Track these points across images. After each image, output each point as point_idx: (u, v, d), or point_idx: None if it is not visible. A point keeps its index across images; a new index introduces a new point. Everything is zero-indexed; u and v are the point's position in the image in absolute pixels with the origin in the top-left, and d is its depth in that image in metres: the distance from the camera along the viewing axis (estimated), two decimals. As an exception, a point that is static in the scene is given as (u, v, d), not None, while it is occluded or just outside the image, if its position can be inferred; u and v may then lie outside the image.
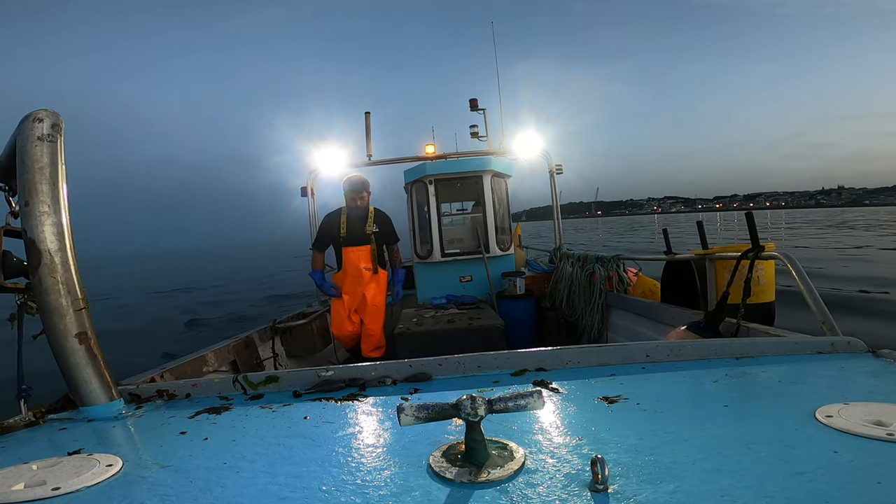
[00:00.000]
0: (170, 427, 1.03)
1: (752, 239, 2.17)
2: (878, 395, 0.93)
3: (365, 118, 5.22)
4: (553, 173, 5.20)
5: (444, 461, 0.74)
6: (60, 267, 1.12)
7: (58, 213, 1.13)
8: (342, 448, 0.85)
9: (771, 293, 2.39)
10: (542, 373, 1.23)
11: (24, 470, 0.81)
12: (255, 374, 1.30)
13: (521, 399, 0.71)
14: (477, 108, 5.59)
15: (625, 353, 1.28)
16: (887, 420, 0.78)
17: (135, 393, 1.27)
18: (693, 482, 0.65)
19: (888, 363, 1.14)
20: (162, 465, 0.82)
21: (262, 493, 0.70)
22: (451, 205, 5.49)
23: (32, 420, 1.14)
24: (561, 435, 0.84)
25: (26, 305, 1.24)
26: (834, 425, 0.78)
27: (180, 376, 2.07)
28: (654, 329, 3.01)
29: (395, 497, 0.66)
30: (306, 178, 5.15)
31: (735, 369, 1.16)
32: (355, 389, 1.20)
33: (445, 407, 0.71)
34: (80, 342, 1.12)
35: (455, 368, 1.28)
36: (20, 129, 1.15)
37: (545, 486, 0.66)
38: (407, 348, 3.22)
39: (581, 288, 4.07)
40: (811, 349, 1.27)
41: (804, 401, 0.91)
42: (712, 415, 0.89)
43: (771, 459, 0.70)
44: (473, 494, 0.65)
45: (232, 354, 2.78)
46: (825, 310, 1.62)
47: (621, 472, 0.68)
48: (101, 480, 0.77)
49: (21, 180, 1.12)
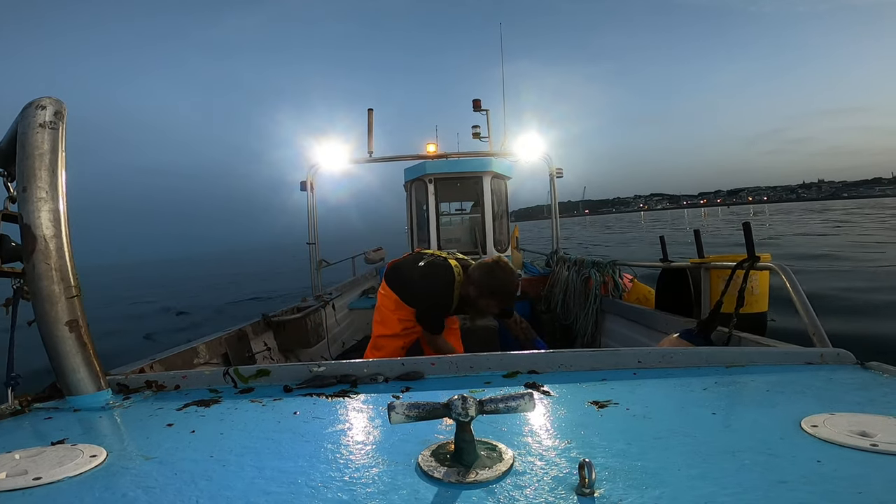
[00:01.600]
0: (157, 418, 1.03)
1: (747, 249, 2.18)
2: (864, 407, 0.94)
3: (367, 115, 5.22)
4: (553, 177, 5.21)
5: (432, 460, 0.74)
6: (55, 253, 1.11)
7: (55, 199, 1.12)
8: (331, 444, 0.85)
9: (764, 303, 2.40)
10: (535, 375, 1.23)
11: (6, 459, 0.80)
12: (246, 367, 1.29)
13: (513, 401, 0.71)
14: (480, 108, 5.60)
15: (617, 359, 1.28)
16: (871, 431, 0.79)
17: (123, 383, 1.26)
18: (678, 488, 0.65)
19: (876, 375, 1.15)
20: (147, 456, 0.82)
21: (249, 486, 0.70)
22: (451, 204, 5.49)
23: (18, 408, 1.13)
24: (550, 438, 0.84)
25: (22, 290, 1.23)
26: (819, 435, 0.79)
27: (170, 367, 2.06)
28: (647, 335, 3.02)
29: (383, 495, 0.66)
30: (306, 173, 5.15)
31: (724, 377, 1.17)
32: (347, 386, 1.20)
33: (436, 406, 0.71)
34: (71, 330, 1.11)
35: (447, 368, 1.28)
36: (22, 115, 1.14)
37: (532, 489, 0.66)
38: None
39: (576, 292, 4.08)
40: (800, 360, 1.28)
41: (791, 410, 0.92)
42: (700, 422, 0.90)
43: (755, 467, 0.70)
44: (461, 494, 0.65)
45: (224, 347, 2.77)
46: (816, 321, 1.63)
47: (608, 477, 0.69)
48: (84, 471, 0.76)
49: (20, 166, 1.12)
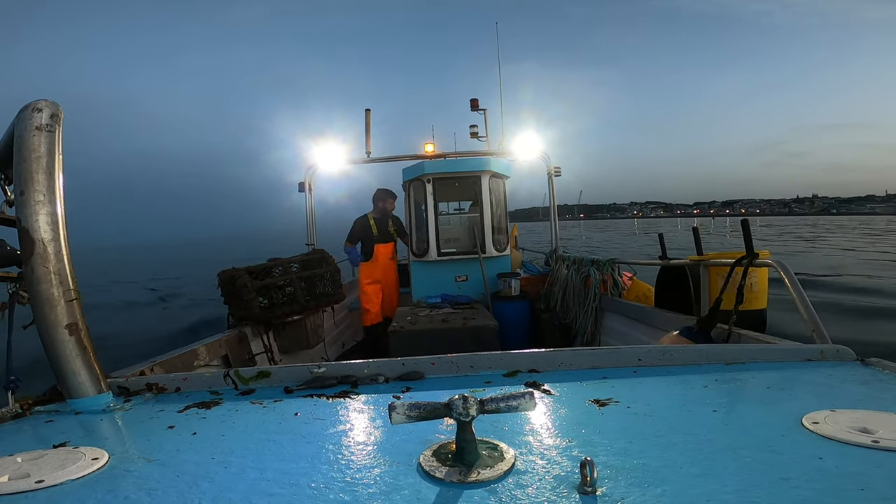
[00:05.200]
0: (158, 421, 1.03)
1: (746, 246, 2.18)
2: (865, 403, 0.94)
3: (365, 115, 5.21)
4: (552, 175, 5.21)
5: (434, 460, 0.74)
6: (53, 257, 1.11)
7: (53, 203, 1.12)
8: (332, 445, 0.84)
9: (763, 300, 2.40)
10: (535, 374, 1.23)
11: (9, 462, 0.80)
12: (247, 369, 1.29)
13: (513, 400, 0.71)
14: (478, 108, 5.60)
15: (617, 357, 1.28)
16: (873, 427, 0.79)
17: (124, 386, 1.26)
18: (680, 486, 0.65)
19: (876, 371, 1.16)
20: (149, 458, 0.82)
21: (251, 488, 0.70)
22: (449, 204, 5.49)
23: (19, 412, 1.13)
24: (551, 437, 0.84)
25: (17, 295, 1.23)
26: (820, 432, 0.79)
27: (171, 370, 2.06)
28: (646, 333, 3.02)
29: (385, 495, 0.66)
30: (304, 174, 5.14)
31: (725, 375, 1.17)
32: (347, 387, 1.20)
33: (437, 406, 0.71)
34: (71, 333, 1.11)
35: (448, 368, 1.28)
36: (19, 118, 1.14)
37: (534, 488, 0.66)
38: (400, 346, 3.21)
39: (576, 290, 4.08)
40: (800, 356, 1.28)
41: (792, 407, 0.92)
42: (701, 419, 0.90)
43: (757, 465, 0.70)
44: (463, 494, 0.65)
45: (224, 349, 2.77)
46: (816, 318, 1.63)
47: (610, 475, 0.69)
48: (86, 474, 0.76)
49: (17, 169, 1.11)
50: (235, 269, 3.22)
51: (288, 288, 3.41)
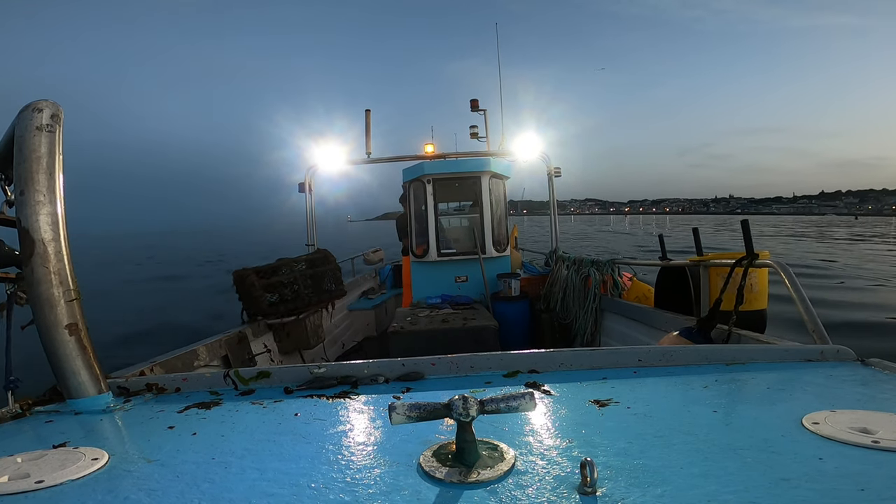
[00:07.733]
0: (158, 421, 1.03)
1: (746, 247, 2.18)
2: (865, 404, 0.94)
3: (365, 115, 5.22)
4: (552, 175, 5.23)
5: (434, 461, 0.74)
6: (53, 257, 1.11)
7: (53, 203, 1.12)
8: (332, 445, 0.84)
9: (763, 301, 2.41)
10: (535, 374, 1.23)
11: (9, 462, 0.80)
12: (247, 369, 1.29)
13: (513, 400, 0.71)
14: (478, 108, 5.61)
15: (617, 357, 1.28)
16: (873, 428, 0.79)
17: (124, 386, 1.26)
18: (680, 486, 0.65)
19: (876, 372, 1.15)
20: (149, 459, 0.82)
21: (251, 489, 0.70)
22: (449, 204, 5.49)
23: (19, 412, 1.13)
24: (551, 437, 0.84)
25: (16, 295, 1.23)
26: (820, 432, 0.79)
27: (171, 370, 2.06)
28: (646, 334, 3.02)
29: (385, 496, 0.66)
30: (304, 175, 5.14)
31: (725, 375, 1.17)
32: (347, 387, 1.20)
33: (437, 406, 0.71)
34: (71, 333, 1.11)
35: (448, 368, 1.28)
36: (19, 118, 1.14)
37: (534, 488, 0.66)
38: (400, 347, 3.21)
39: (576, 291, 4.08)
40: (800, 357, 1.28)
41: (792, 407, 0.92)
42: (701, 420, 0.90)
43: (757, 465, 0.70)
44: (463, 494, 0.65)
45: (224, 349, 2.77)
46: (816, 318, 1.63)
47: (610, 476, 0.69)
48: (86, 474, 0.76)
49: (18, 169, 1.11)
50: (245, 269, 3.46)
51: (295, 285, 3.66)
